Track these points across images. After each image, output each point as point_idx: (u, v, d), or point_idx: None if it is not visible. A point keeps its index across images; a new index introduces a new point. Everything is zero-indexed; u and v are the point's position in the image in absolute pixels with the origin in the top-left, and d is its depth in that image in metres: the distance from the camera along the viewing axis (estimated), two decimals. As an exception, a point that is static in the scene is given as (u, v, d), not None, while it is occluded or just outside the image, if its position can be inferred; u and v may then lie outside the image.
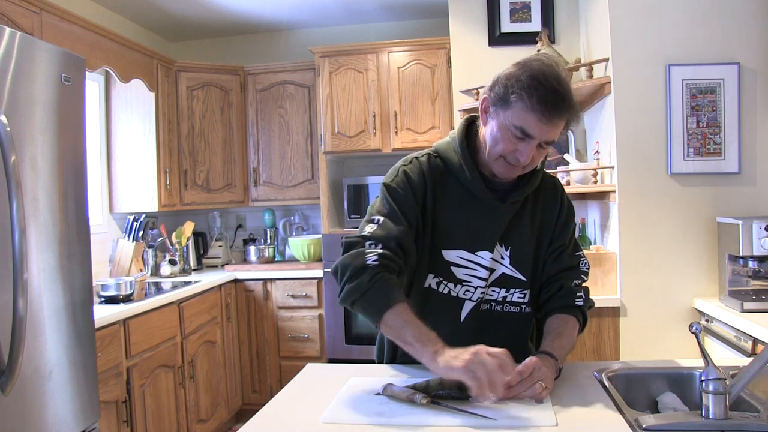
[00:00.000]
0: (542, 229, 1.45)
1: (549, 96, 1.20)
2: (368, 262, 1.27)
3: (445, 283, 1.41)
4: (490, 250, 1.39)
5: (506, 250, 1.41)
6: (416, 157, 1.44)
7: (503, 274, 1.41)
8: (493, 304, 1.43)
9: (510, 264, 1.41)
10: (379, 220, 1.35)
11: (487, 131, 1.32)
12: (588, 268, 1.48)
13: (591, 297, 1.47)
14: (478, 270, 1.40)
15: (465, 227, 1.39)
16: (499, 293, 1.42)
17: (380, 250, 1.29)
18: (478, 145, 1.39)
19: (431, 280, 1.42)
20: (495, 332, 1.41)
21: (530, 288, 1.45)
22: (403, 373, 1.38)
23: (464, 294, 1.41)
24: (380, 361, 1.53)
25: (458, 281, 1.40)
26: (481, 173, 1.39)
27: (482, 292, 1.41)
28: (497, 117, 1.28)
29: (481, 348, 1.12)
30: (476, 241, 1.39)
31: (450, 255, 1.39)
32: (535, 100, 1.20)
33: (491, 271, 1.40)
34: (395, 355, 1.48)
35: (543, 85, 1.20)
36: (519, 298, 1.43)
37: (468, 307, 1.41)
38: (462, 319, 1.41)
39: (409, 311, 1.25)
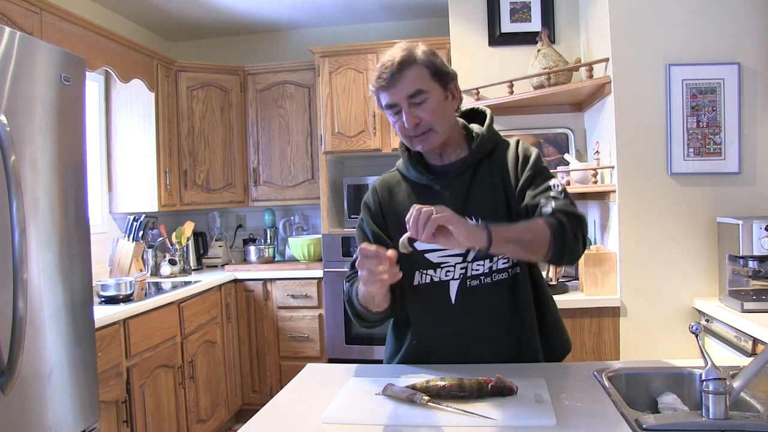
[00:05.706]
0: (505, 184, 1.43)
1: (381, 67, 1.38)
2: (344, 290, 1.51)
3: (426, 272, 1.44)
4: None
5: (476, 222, 1.37)
6: (375, 181, 1.58)
7: None
8: (481, 278, 1.42)
9: None
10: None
11: None
12: (563, 192, 1.36)
13: (574, 220, 1.30)
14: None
15: None
16: (484, 266, 1.42)
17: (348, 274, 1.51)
18: None
19: (417, 277, 1.45)
20: (491, 304, 1.42)
21: None
22: (403, 373, 1.38)
23: (446, 275, 1.43)
24: (387, 362, 1.55)
25: (435, 265, 1.43)
26: (429, 164, 1.49)
27: (462, 268, 1.41)
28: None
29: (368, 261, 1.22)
30: None
31: (422, 245, 1.40)
32: (374, 79, 1.41)
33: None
34: (401, 357, 1.49)
35: (379, 65, 1.39)
36: (504, 263, 1.42)
37: (454, 287, 1.42)
38: (453, 301, 1.42)
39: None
